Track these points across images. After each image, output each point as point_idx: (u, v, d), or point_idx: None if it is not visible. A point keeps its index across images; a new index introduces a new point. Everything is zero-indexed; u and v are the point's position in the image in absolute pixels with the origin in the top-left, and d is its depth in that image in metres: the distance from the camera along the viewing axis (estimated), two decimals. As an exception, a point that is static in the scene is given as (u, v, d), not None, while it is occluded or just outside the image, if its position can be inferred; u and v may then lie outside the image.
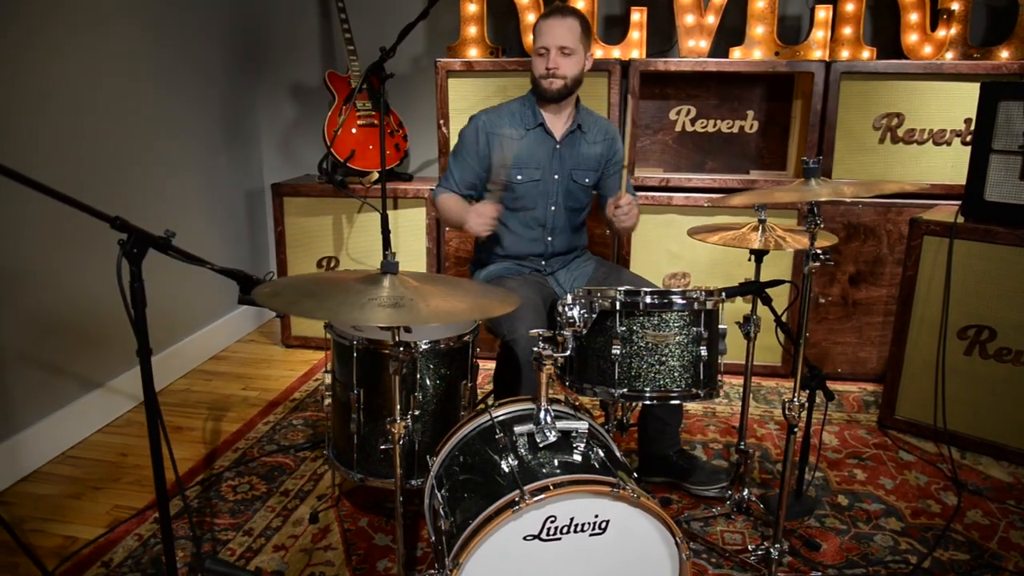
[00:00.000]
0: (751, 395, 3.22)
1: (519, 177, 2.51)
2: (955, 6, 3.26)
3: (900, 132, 3.18)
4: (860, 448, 2.82)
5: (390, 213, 3.47)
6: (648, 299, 1.65)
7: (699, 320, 1.65)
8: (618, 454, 1.83)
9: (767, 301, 2.09)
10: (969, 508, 2.45)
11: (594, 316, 1.65)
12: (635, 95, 3.25)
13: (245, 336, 3.95)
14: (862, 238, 3.22)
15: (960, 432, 2.78)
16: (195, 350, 3.54)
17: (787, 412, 1.87)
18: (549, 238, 2.57)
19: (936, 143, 3.17)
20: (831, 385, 3.32)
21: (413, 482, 2.04)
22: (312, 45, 3.95)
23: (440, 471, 1.83)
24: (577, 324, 1.64)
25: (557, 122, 2.55)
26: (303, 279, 1.74)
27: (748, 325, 2.16)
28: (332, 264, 3.60)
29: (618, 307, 1.64)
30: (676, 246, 3.30)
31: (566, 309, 1.65)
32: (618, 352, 1.64)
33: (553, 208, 2.55)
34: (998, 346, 2.67)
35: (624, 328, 1.64)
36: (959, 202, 2.79)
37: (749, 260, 2.18)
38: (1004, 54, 3.26)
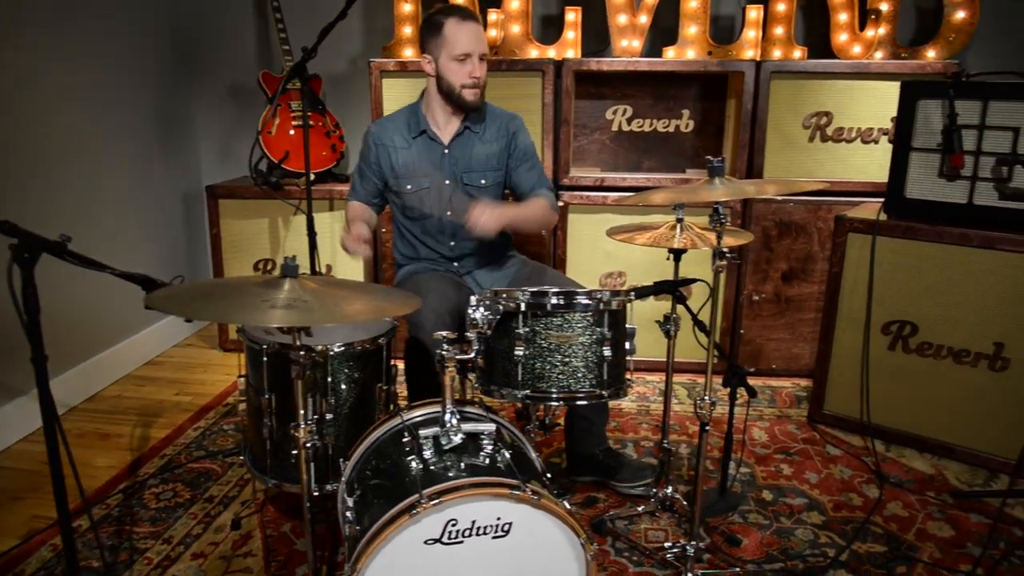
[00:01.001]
0: (686, 392, 3.29)
1: (408, 187, 2.49)
2: (884, 6, 3.31)
3: (829, 131, 3.23)
4: (789, 443, 2.86)
5: (327, 215, 3.47)
6: (554, 300, 1.65)
7: (603, 321, 1.66)
8: (532, 455, 1.84)
9: (681, 300, 2.11)
10: (890, 500, 2.49)
11: (498, 318, 1.64)
12: (569, 95, 3.25)
13: (182, 341, 3.89)
14: (793, 236, 3.27)
15: (885, 426, 2.83)
16: (129, 355, 3.48)
17: (699, 410, 1.88)
18: (452, 243, 2.55)
19: (864, 141, 3.22)
20: (766, 381, 3.39)
21: (329, 487, 2.02)
22: (248, 45, 3.91)
23: (352, 475, 1.82)
24: (481, 326, 1.64)
25: (447, 126, 2.50)
26: (207, 283, 1.72)
27: (668, 324, 2.17)
28: (269, 267, 3.56)
29: (523, 308, 1.64)
30: (611, 246, 3.31)
31: (470, 311, 1.65)
32: (521, 353, 1.64)
33: (449, 213, 2.50)
34: (920, 341, 2.72)
35: (528, 329, 1.64)
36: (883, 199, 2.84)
37: (668, 259, 2.19)
38: (930, 54, 3.32)
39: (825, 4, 3.34)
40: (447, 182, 2.50)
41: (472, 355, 1.65)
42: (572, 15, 3.39)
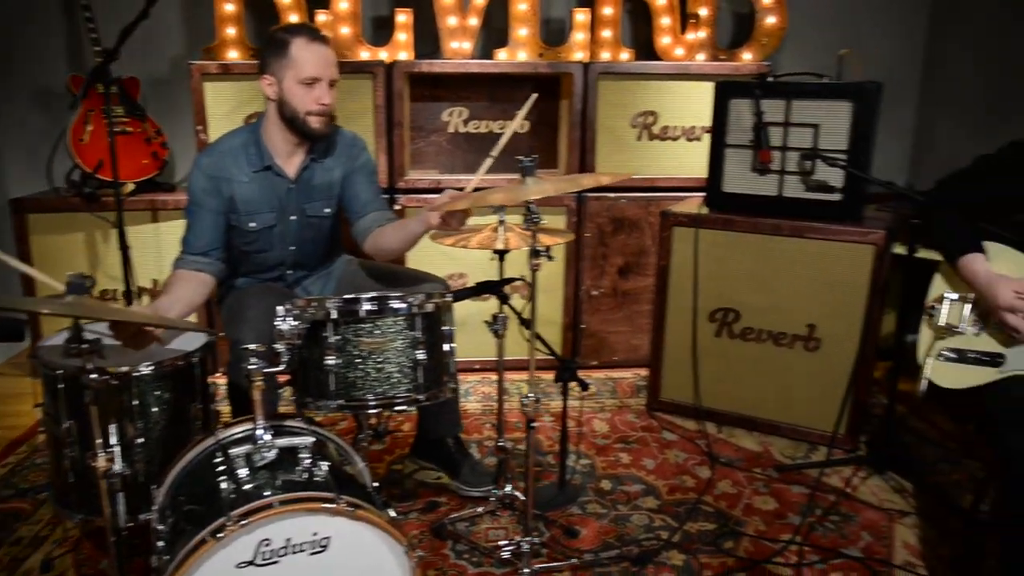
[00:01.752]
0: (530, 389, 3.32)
1: (252, 225, 2.26)
2: (703, 11, 3.48)
3: (656, 129, 3.35)
4: (628, 432, 2.95)
5: (150, 227, 3.26)
6: (366, 307, 1.62)
7: (416, 324, 1.63)
8: (360, 466, 1.79)
9: (504, 299, 2.12)
10: (721, 479, 2.61)
11: (306, 327, 1.59)
12: (401, 97, 3.21)
13: (-8, 370, 3.56)
14: (627, 231, 3.37)
15: (717, 408, 2.97)
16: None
17: (524, 408, 1.90)
18: (289, 272, 2.42)
19: (688, 139, 3.37)
20: (608, 374, 3.48)
21: (143, 516, 1.89)
22: (56, 46, 3.62)
23: (165, 503, 1.71)
24: (290, 337, 1.58)
25: (291, 158, 2.29)
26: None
27: (496, 324, 2.18)
28: (88, 285, 3.31)
29: (333, 316, 1.60)
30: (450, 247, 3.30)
31: (277, 322, 1.59)
32: (332, 363, 1.59)
33: (293, 248, 2.37)
34: (743, 326, 2.87)
35: (338, 337, 1.60)
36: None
37: (492, 259, 2.20)
38: (746, 56, 3.52)
39: (649, 8, 3.47)
40: (292, 218, 2.33)
41: (281, 367, 1.59)
42: (403, 17, 3.36)
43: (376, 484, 1.72)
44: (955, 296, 1.91)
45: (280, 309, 1.58)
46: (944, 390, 1.92)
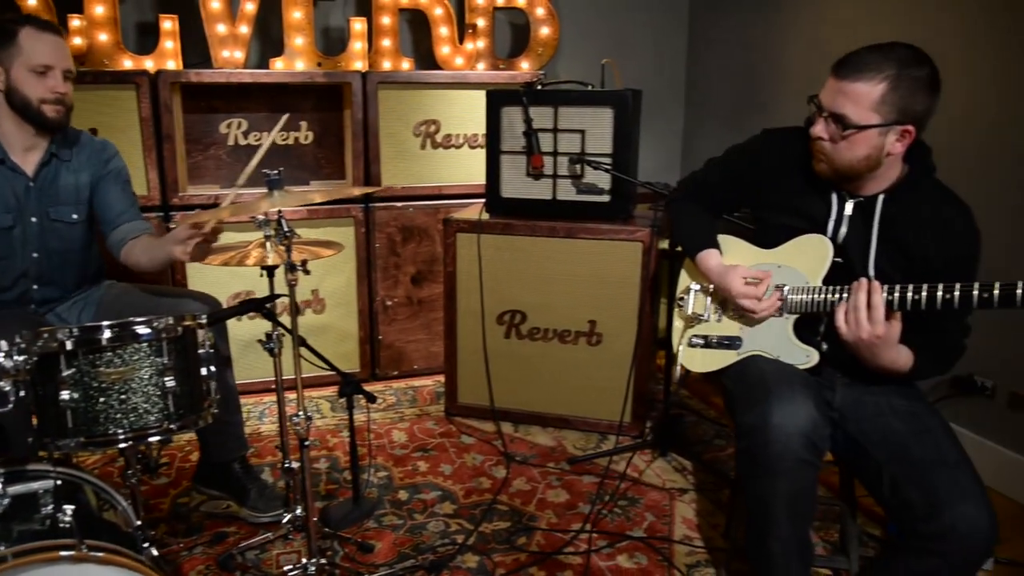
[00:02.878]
0: (329, 405, 3.25)
1: None
2: (480, 22, 3.56)
3: (439, 138, 3.39)
4: (427, 440, 2.95)
5: None
6: (107, 334, 1.50)
7: (162, 350, 1.54)
8: (121, 505, 1.68)
9: (270, 316, 2.05)
10: (516, 477, 2.68)
11: (33, 360, 1.45)
12: (169, 109, 3.04)
13: None
14: (418, 239, 3.39)
15: (512, 408, 3.05)
16: None
17: (295, 428, 1.85)
18: (35, 286, 2.23)
19: (471, 146, 3.43)
20: (409, 382, 3.48)
21: None
22: None
23: None
24: (14, 373, 1.44)
25: (29, 153, 2.18)
26: None
27: (271, 343, 2.10)
28: None
29: (68, 348, 1.47)
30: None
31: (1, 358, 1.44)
32: (67, 398, 1.46)
33: (36, 255, 2.20)
34: (530, 327, 2.96)
35: (73, 370, 1.47)
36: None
37: (261, 276, 2.12)
38: (524, 65, 3.65)
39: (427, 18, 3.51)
40: (33, 219, 2.17)
41: (8, 407, 1.44)
42: (168, 24, 3.17)
43: (140, 523, 1.62)
44: (698, 287, 2.07)
45: (3, 343, 1.43)
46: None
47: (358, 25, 3.35)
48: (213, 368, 1.67)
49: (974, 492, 1.53)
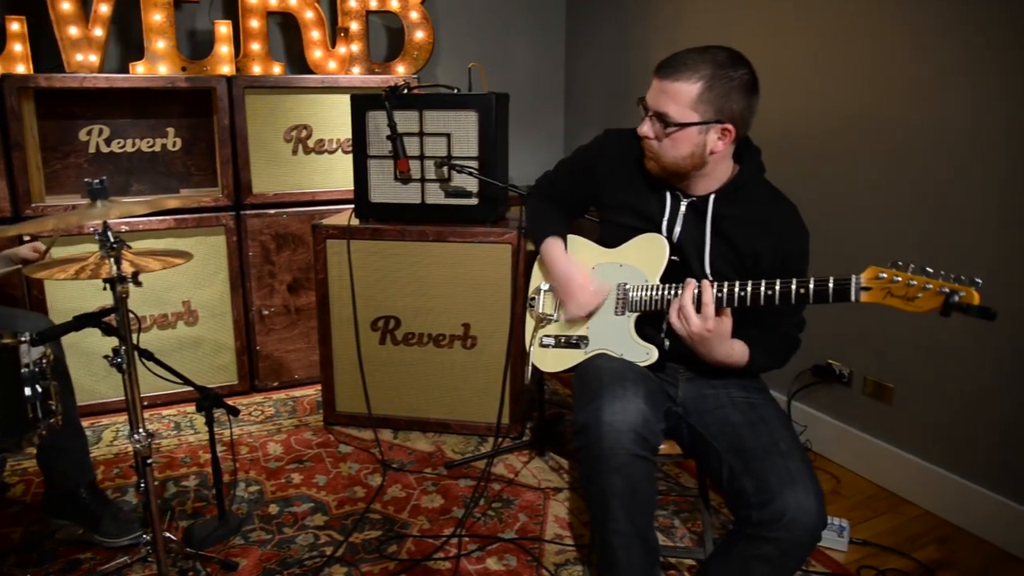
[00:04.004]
0: (203, 420, 3.13)
1: None
2: (353, 26, 3.52)
3: (311, 143, 3.34)
4: (303, 451, 2.90)
5: None
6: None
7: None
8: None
9: (108, 331, 1.97)
10: (391, 485, 2.66)
11: None
12: (18, 115, 2.89)
13: None
14: (293, 247, 3.32)
15: (391, 415, 3.03)
16: None
17: (135, 445, 1.78)
18: None
19: (344, 151, 3.39)
20: (290, 393, 3.41)
21: None
22: None
23: None
24: None
25: None
26: None
27: (119, 358, 2.02)
28: None
29: None
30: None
31: None
32: None
33: None
34: (405, 332, 2.95)
35: None
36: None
37: (104, 289, 2.03)
38: (400, 69, 3.63)
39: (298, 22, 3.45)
40: None
41: None
42: (16, 25, 3.01)
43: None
44: (547, 286, 2.09)
45: None
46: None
47: (223, 28, 3.26)
48: (39, 388, 1.59)
49: (803, 479, 1.58)
